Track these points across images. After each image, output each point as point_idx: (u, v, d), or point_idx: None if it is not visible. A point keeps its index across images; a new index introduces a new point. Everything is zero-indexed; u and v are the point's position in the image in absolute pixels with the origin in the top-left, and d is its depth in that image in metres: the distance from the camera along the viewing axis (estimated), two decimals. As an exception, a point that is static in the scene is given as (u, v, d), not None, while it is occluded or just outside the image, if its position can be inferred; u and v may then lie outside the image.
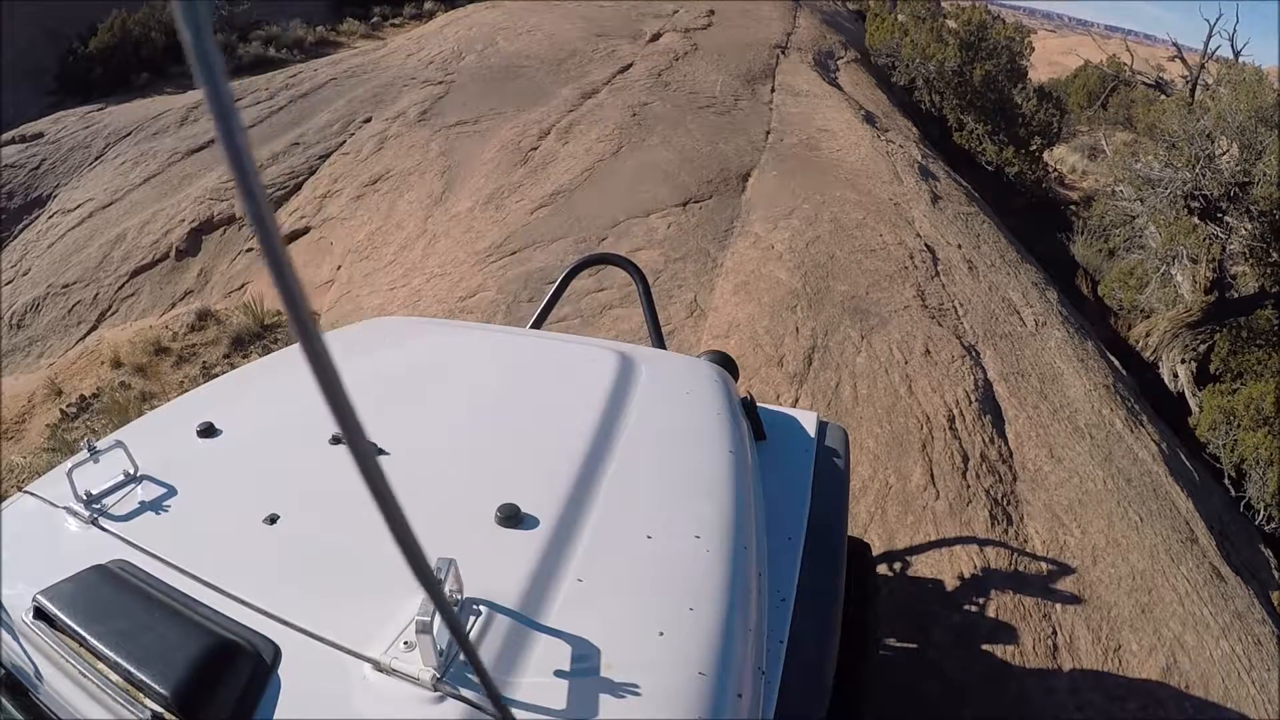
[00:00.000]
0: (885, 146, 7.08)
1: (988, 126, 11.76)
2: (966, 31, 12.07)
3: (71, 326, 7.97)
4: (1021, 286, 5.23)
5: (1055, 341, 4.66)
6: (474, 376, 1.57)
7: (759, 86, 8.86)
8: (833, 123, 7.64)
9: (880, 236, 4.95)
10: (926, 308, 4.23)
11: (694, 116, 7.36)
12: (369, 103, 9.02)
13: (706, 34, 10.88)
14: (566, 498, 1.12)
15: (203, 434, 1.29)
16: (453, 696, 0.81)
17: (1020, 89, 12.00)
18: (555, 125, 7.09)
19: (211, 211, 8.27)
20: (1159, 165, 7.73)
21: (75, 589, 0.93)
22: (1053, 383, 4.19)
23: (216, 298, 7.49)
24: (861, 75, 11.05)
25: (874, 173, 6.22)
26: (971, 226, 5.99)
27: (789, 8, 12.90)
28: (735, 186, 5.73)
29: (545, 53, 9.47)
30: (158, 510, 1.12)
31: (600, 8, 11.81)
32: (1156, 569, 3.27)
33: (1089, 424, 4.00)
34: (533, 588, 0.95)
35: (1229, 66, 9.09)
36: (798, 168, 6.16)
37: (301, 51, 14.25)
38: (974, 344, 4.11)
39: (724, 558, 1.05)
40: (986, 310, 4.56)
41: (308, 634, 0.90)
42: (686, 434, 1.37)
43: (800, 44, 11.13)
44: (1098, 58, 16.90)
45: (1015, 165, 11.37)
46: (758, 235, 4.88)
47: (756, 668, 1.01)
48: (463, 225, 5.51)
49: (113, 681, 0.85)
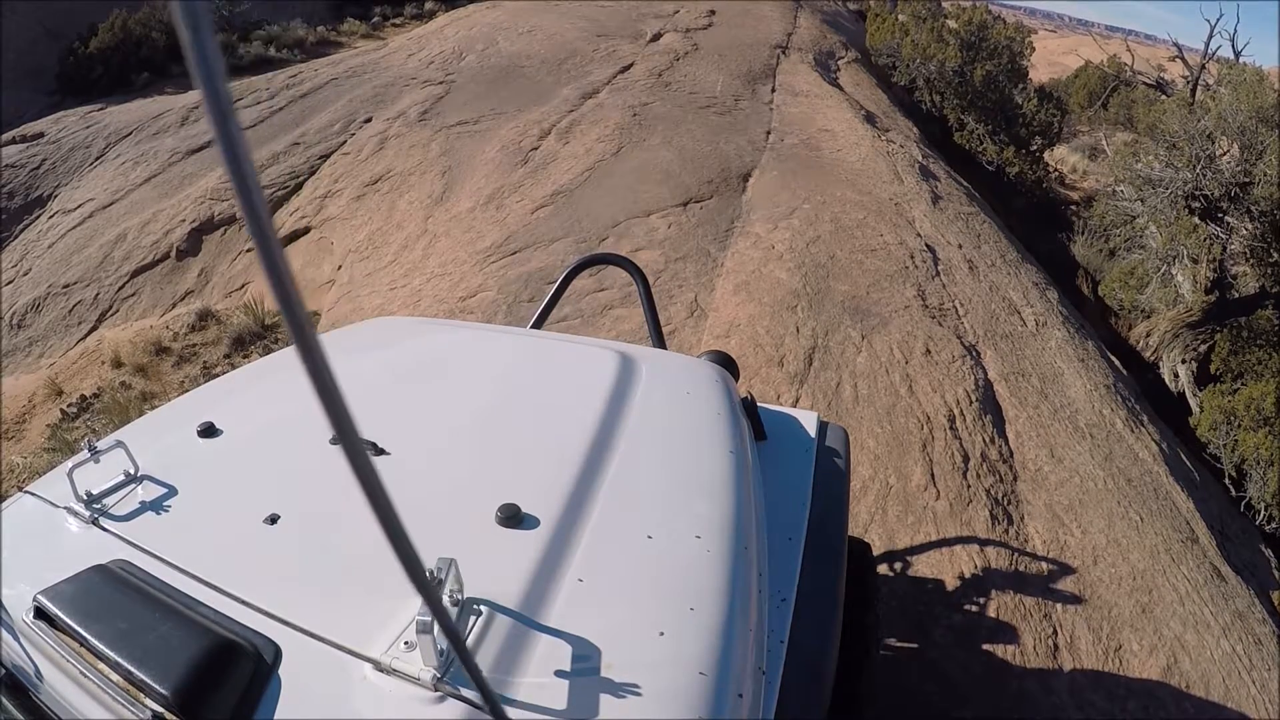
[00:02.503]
0: (886, 147, 7.09)
1: (988, 126, 11.76)
2: (967, 32, 12.07)
3: (72, 326, 7.98)
4: (1022, 286, 5.23)
5: (1056, 341, 4.65)
6: (474, 376, 1.57)
7: (759, 86, 8.86)
8: (833, 123, 7.64)
9: (881, 236, 4.95)
10: (927, 308, 4.23)
11: (695, 116, 7.36)
12: (369, 103, 9.03)
13: (707, 34, 10.89)
14: (567, 498, 1.12)
15: (203, 434, 1.29)
16: (453, 697, 0.81)
17: (1021, 89, 11.99)
18: (556, 125, 7.09)
19: (212, 211, 8.28)
20: (1160, 165, 7.73)
21: (76, 589, 0.93)
22: (1053, 383, 4.18)
23: (217, 298, 7.50)
24: (862, 75, 11.05)
25: (875, 173, 6.22)
26: (972, 226, 5.99)
27: (790, 8, 12.90)
28: (736, 186, 5.73)
29: (546, 53, 9.47)
30: (158, 510, 1.12)
31: (601, 8, 11.81)
32: (1157, 569, 3.27)
33: (1090, 424, 3.99)
34: (533, 588, 0.96)
35: (1230, 67, 9.08)
36: (798, 168, 6.16)
37: (302, 52, 14.25)
38: (974, 344, 4.11)
39: (724, 558, 1.06)
40: (987, 310, 4.56)
41: (308, 634, 0.90)
42: (687, 434, 1.37)
43: (801, 44, 11.13)
44: (1098, 58, 16.90)
45: (1016, 165, 11.37)
46: (758, 235, 4.88)
47: (757, 668, 1.01)
48: (463, 225, 5.52)
49: (113, 681, 0.86)
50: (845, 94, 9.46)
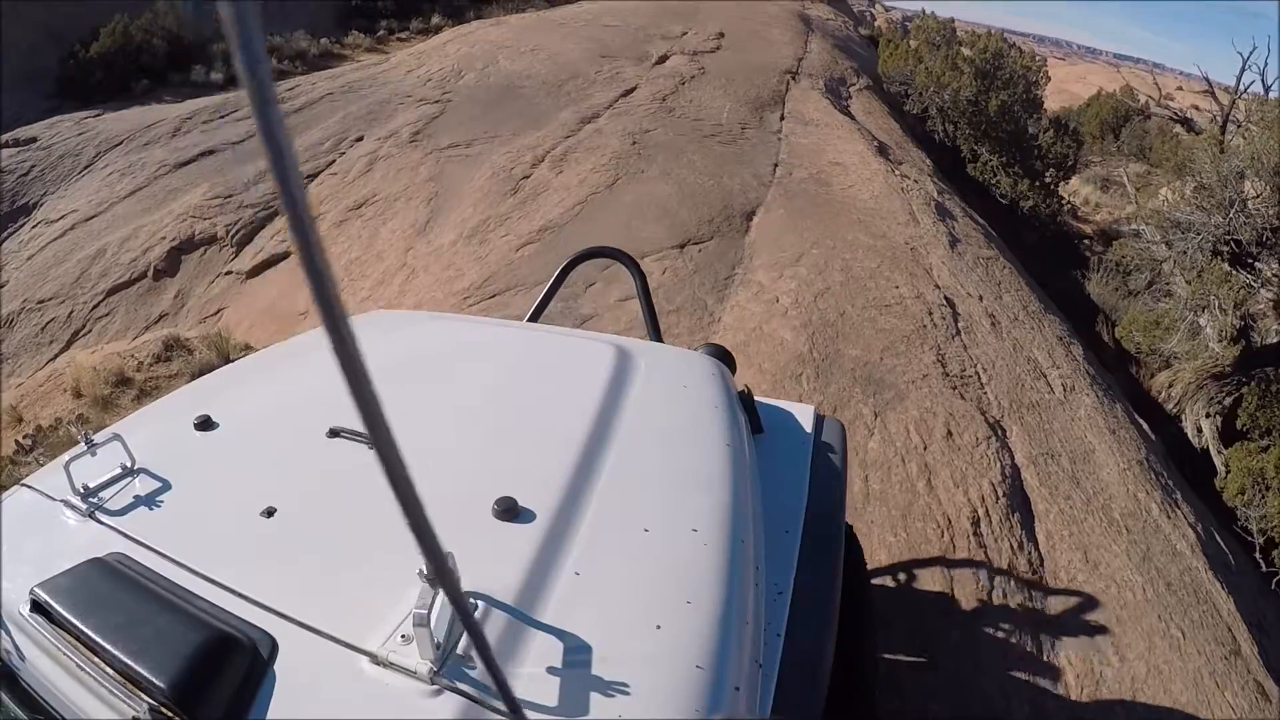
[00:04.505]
0: (900, 182, 6.69)
1: (1002, 158, 11.40)
2: (983, 60, 11.73)
3: (43, 345, 7.69)
4: (1047, 343, 4.82)
5: (1085, 410, 4.24)
6: (471, 370, 1.58)
7: (767, 114, 8.50)
8: (845, 155, 7.26)
9: (896, 288, 4.53)
10: (947, 376, 3.80)
11: (697, 146, 6.98)
12: (363, 120, 8.71)
13: (715, 57, 10.55)
14: (564, 491, 1.12)
15: (200, 427, 1.29)
16: (450, 689, 0.81)
17: (1036, 119, 11.64)
18: (550, 152, 6.72)
19: (193, 230, 7.95)
20: (1189, 208, 7.32)
21: (73, 582, 0.93)
22: (1085, 462, 3.77)
23: (191, 323, 7.15)
24: (874, 103, 10.69)
25: (888, 212, 5.82)
26: (992, 273, 5.59)
27: (801, 32, 12.58)
28: (738, 226, 5.32)
29: (547, 73, 9.14)
30: (155, 503, 1.12)
31: (607, 28, 11.51)
32: (1200, 699, 2.87)
33: (1125, 512, 3.58)
34: (530, 581, 0.95)
35: (1261, 103, 8.70)
36: (807, 206, 5.76)
37: (304, 63, 14.02)
38: (1000, 419, 3.69)
39: (721, 551, 1.05)
40: (1012, 375, 4.15)
41: (305, 627, 0.90)
42: (684, 427, 1.37)
43: (811, 69, 10.79)
44: (1108, 85, 16.63)
45: (1030, 199, 11.00)
46: (761, 285, 4.46)
47: (754, 661, 1.00)
48: (443, 261, 5.13)
49: (110, 675, 0.85)
50: (857, 123, 9.10)
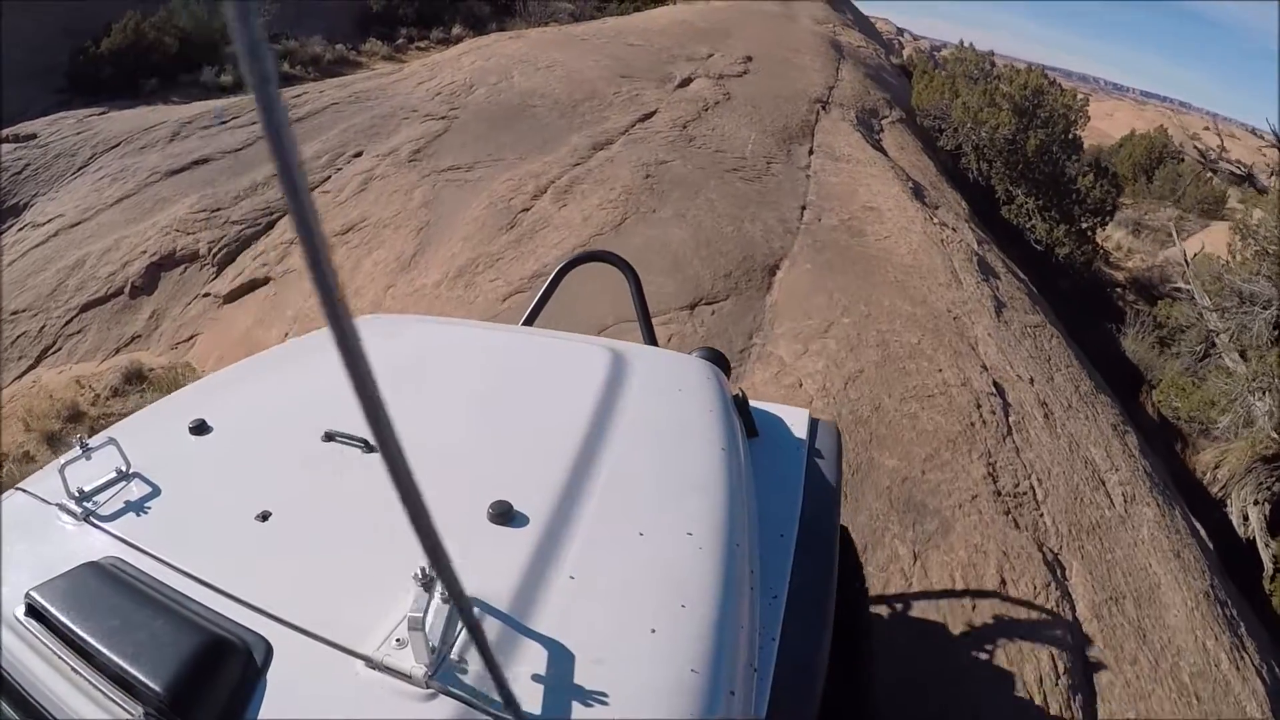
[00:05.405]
0: (939, 232, 6.09)
1: (1039, 201, 10.78)
2: (1022, 96, 11.13)
3: (11, 362, 7.21)
4: (1104, 438, 4.19)
5: (1148, 528, 3.61)
6: (465, 373, 1.57)
7: (795, 147, 7.93)
8: (879, 198, 6.67)
9: (939, 372, 3.91)
10: (1000, 495, 3.19)
11: (718, 182, 6.41)
12: (364, 134, 8.23)
13: (741, 82, 10.01)
14: (558, 495, 1.12)
15: (195, 431, 1.28)
16: (444, 694, 0.81)
17: (1075, 161, 11.01)
18: (555, 181, 6.17)
19: (175, 245, 7.47)
20: (1252, 277, 6.69)
21: (68, 586, 0.93)
22: (1150, 603, 3.14)
23: (162, 348, 6.64)
24: (907, 138, 10.11)
25: (928, 270, 5.22)
26: (1040, 345, 4.97)
27: (832, 59, 12.04)
28: (759, 282, 4.73)
29: (562, 92, 8.62)
30: (150, 507, 1.12)
31: (629, 46, 11.00)
32: None
33: (1194, 672, 2.96)
34: (525, 585, 0.95)
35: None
36: (837, 260, 5.16)
37: (317, 69, 13.66)
38: (1058, 552, 3.07)
39: (716, 555, 1.05)
40: (1069, 485, 3.53)
41: (300, 631, 0.90)
42: (678, 431, 1.36)
43: (842, 99, 10.22)
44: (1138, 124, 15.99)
45: (1066, 246, 10.37)
46: (783, 362, 3.86)
47: (749, 665, 1.00)
48: (423, 305, 4.59)
49: (105, 679, 0.84)
50: (890, 160, 8.51)
